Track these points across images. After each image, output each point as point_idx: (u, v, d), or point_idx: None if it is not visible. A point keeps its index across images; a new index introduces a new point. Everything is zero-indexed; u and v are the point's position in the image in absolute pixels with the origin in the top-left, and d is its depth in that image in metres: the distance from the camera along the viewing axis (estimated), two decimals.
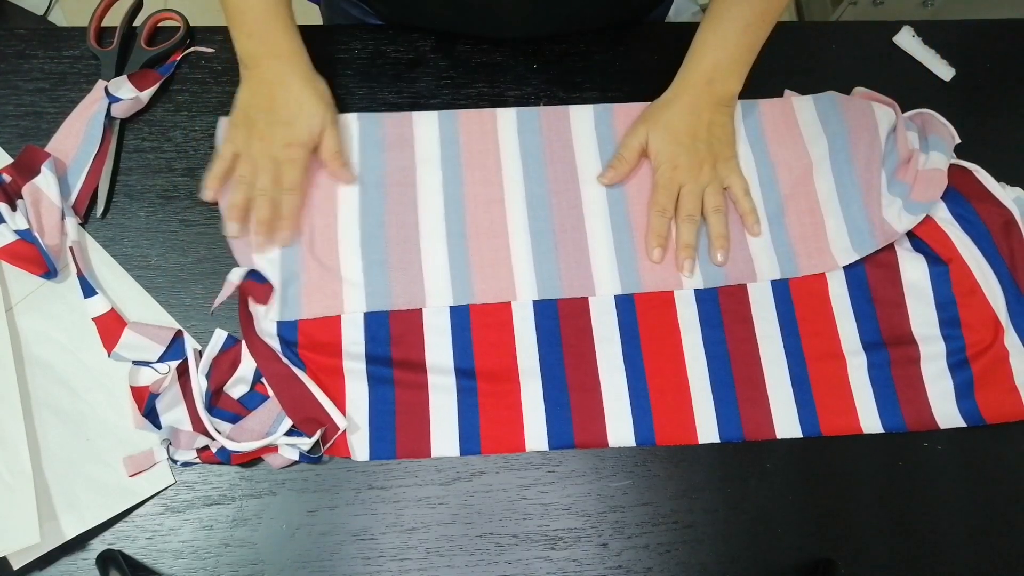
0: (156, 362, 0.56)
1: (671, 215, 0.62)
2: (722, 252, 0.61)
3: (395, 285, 0.59)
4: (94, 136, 0.61)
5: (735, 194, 0.63)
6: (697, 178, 0.62)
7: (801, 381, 0.59)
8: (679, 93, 0.63)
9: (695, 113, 0.62)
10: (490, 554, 0.54)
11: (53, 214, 0.58)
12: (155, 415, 0.54)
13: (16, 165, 0.59)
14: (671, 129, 0.62)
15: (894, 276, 0.63)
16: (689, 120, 0.62)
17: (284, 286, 0.59)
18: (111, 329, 0.56)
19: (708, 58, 0.61)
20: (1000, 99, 0.71)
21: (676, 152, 0.62)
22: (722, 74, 0.61)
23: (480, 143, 0.64)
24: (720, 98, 0.62)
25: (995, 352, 0.60)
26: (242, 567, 0.53)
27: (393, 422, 0.56)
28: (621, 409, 0.57)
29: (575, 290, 0.60)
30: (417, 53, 0.69)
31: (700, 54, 0.62)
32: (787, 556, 0.56)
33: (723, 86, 0.61)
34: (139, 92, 0.63)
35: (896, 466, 0.58)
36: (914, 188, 0.63)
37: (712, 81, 0.61)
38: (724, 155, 0.63)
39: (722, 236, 0.61)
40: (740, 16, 0.59)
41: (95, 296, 0.57)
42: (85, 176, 0.60)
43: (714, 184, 0.62)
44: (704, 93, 0.61)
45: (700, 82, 0.61)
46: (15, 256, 0.56)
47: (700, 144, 0.62)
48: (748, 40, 0.60)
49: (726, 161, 0.63)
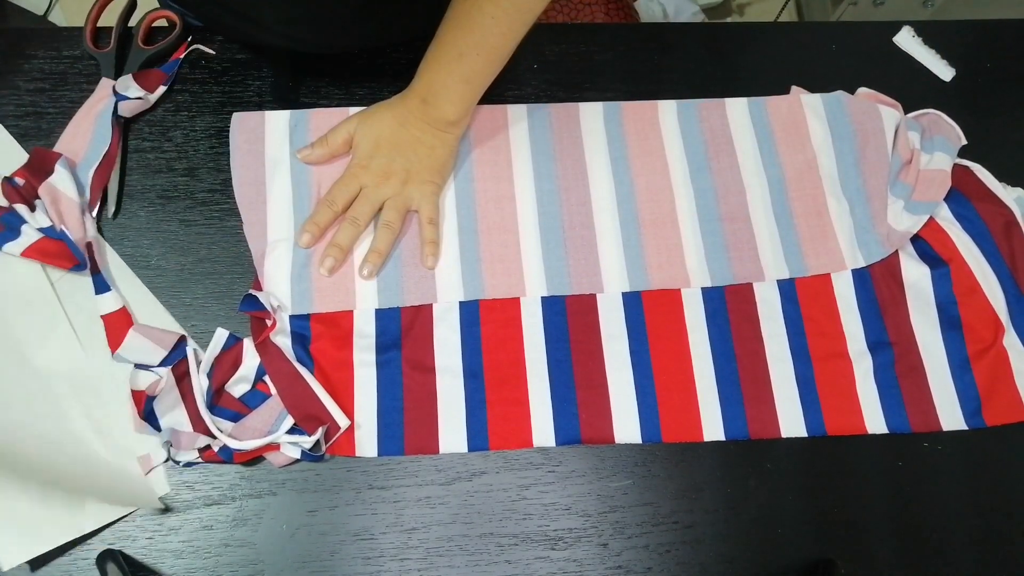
0: (157, 366, 0.56)
1: (338, 210, 0.60)
2: (367, 267, 0.59)
3: (406, 281, 0.60)
4: (103, 135, 0.61)
5: (420, 219, 0.61)
6: (379, 187, 0.60)
7: (807, 380, 0.59)
8: (397, 103, 0.61)
9: (404, 126, 0.60)
10: (490, 554, 0.54)
11: (73, 210, 0.58)
12: (154, 417, 0.54)
13: (28, 167, 0.59)
14: (376, 132, 0.61)
15: (896, 275, 0.63)
16: (395, 130, 0.60)
17: (295, 281, 0.59)
18: (118, 329, 0.56)
19: (424, 78, 0.59)
20: (1000, 99, 0.71)
21: (371, 155, 0.60)
22: (435, 97, 0.58)
23: (490, 139, 0.65)
24: (434, 120, 0.59)
25: (995, 352, 0.60)
26: (242, 567, 0.53)
27: (402, 419, 0.56)
28: (628, 406, 0.58)
29: (583, 287, 0.61)
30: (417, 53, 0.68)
31: (420, 72, 0.60)
32: (787, 556, 0.56)
33: (436, 109, 0.59)
34: (148, 93, 0.63)
35: (896, 466, 0.58)
36: (916, 188, 0.63)
37: (425, 101, 0.59)
38: (421, 177, 0.61)
39: (377, 252, 0.59)
40: (454, 44, 0.57)
41: (108, 293, 0.57)
42: (94, 173, 0.60)
43: (397, 200, 0.60)
44: (417, 110, 0.59)
45: (415, 98, 0.59)
46: (43, 253, 0.56)
47: (398, 157, 0.60)
48: (462, 69, 0.57)
49: (420, 184, 0.61)
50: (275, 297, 0.58)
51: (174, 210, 0.62)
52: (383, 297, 0.59)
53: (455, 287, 0.60)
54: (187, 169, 0.63)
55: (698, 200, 0.64)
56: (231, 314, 0.59)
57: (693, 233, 0.63)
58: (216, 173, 0.63)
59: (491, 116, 0.65)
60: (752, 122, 0.67)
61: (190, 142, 0.64)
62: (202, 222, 0.62)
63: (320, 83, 0.66)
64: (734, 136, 0.66)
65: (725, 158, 0.65)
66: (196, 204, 0.62)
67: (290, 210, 0.61)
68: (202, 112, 0.65)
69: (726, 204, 0.64)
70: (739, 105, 0.67)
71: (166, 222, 0.61)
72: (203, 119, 0.65)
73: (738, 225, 0.63)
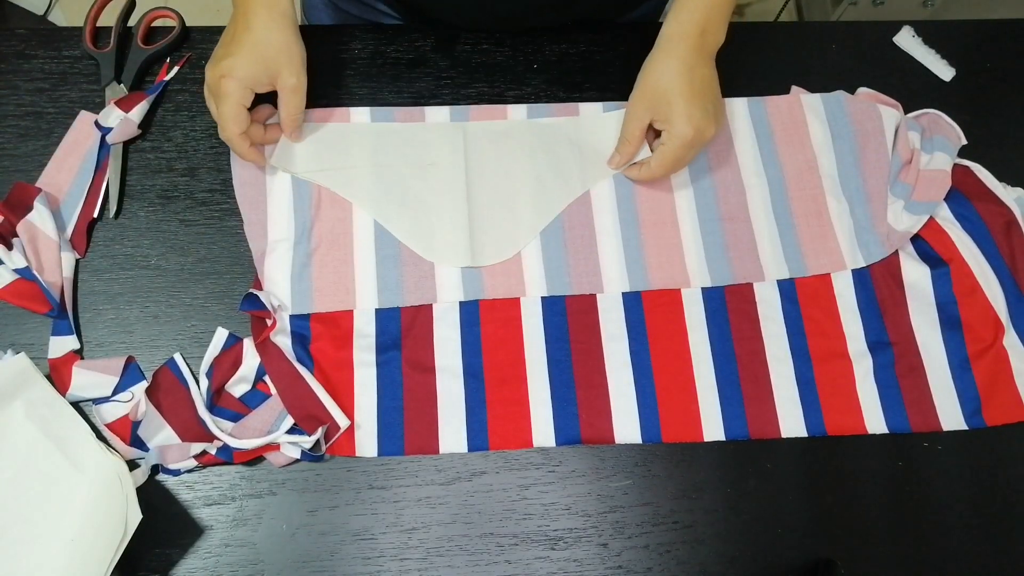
0: (113, 395, 0.55)
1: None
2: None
3: (407, 281, 0.60)
4: (88, 170, 0.61)
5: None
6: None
7: (807, 381, 0.59)
8: (672, 49, 0.58)
9: (692, 70, 0.57)
10: (490, 554, 0.54)
11: (51, 250, 0.57)
12: (141, 442, 0.54)
13: (7, 203, 0.57)
14: (675, 87, 0.57)
15: (896, 275, 0.63)
16: (687, 79, 0.57)
17: (295, 281, 0.59)
18: (65, 372, 0.55)
19: (695, 13, 0.57)
20: (1000, 99, 0.71)
21: (688, 114, 0.57)
22: (714, 25, 0.57)
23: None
24: (710, 51, 0.58)
25: (995, 352, 0.60)
26: (242, 567, 0.53)
27: (402, 419, 0.56)
28: (628, 406, 0.58)
29: (583, 287, 0.61)
30: (417, 53, 0.69)
31: (678, 11, 0.58)
32: (787, 556, 0.56)
33: (714, 37, 0.58)
34: (126, 113, 0.61)
35: (896, 466, 0.58)
36: (916, 188, 0.63)
37: (705, 32, 0.57)
38: (721, 119, 0.60)
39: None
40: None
41: (67, 337, 0.56)
42: (80, 209, 0.60)
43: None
44: (697, 45, 0.57)
45: (694, 32, 0.57)
46: (17, 295, 0.56)
47: (708, 105, 0.58)
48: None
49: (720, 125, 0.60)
50: (275, 296, 0.58)
51: (174, 210, 0.62)
52: (383, 297, 0.59)
53: (455, 287, 0.60)
54: (187, 169, 0.63)
55: (698, 200, 0.64)
56: (231, 314, 0.59)
57: (693, 233, 0.63)
58: (216, 173, 0.63)
59: (491, 116, 0.65)
60: (752, 122, 0.67)
61: (190, 142, 0.64)
62: (202, 222, 0.62)
63: (320, 83, 0.66)
64: (734, 136, 0.66)
65: (725, 158, 0.65)
66: (196, 204, 0.62)
67: (290, 210, 0.61)
68: (202, 112, 0.65)
69: (726, 204, 0.64)
70: (739, 105, 0.67)
71: (166, 222, 0.61)
72: (203, 119, 0.65)
73: (738, 225, 0.63)
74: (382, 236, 0.61)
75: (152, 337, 0.58)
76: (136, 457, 0.54)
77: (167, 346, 0.58)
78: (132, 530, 0.49)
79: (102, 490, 0.51)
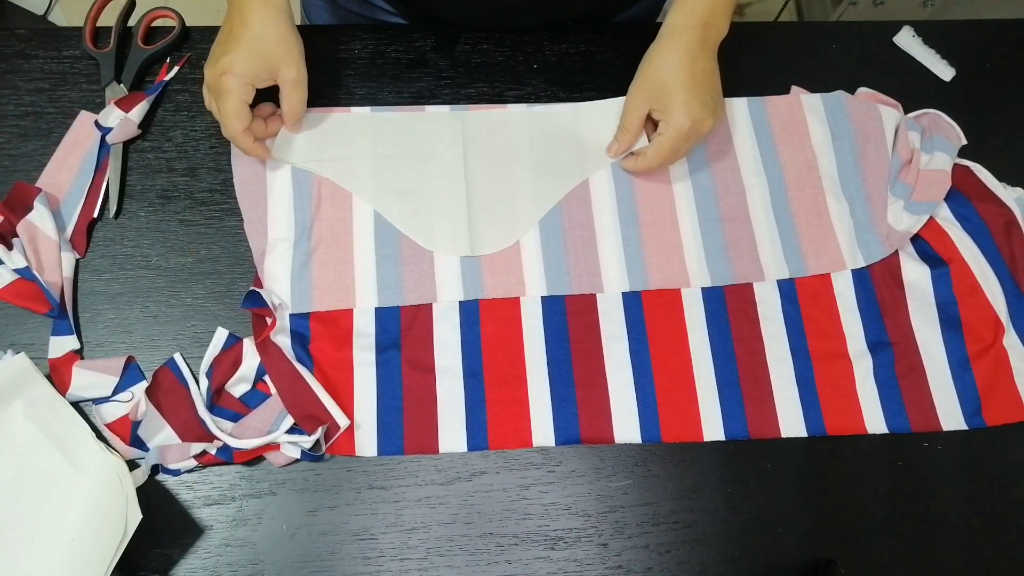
0: (113, 395, 0.55)
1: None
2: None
3: (407, 279, 0.60)
4: (88, 169, 0.61)
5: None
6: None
7: (807, 381, 0.59)
8: (673, 41, 0.58)
9: (693, 62, 0.57)
10: (490, 554, 0.54)
11: (51, 250, 0.57)
12: (141, 442, 0.54)
13: (7, 203, 0.58)
14: (675, 78, 0.57)
15: (896, 275, 0.63)
16: (691, 71, 0.57)
17: (295, 280, 0.59)
18: (65, 372, 0.55)
19: (697, 6, 0.57)
20: (1000, 99, 0.71)
21: (687, 104, 0.57)
22: (717, 17, 0.57)
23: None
24: (713, 44, 0.58)
25: (995, 352, 0.60)
26: (242, 567, 0.53)
27: (401, 418, 0.56)
28: (627, 406, 0.58)
29: (583, 287, 0.61)
30: (417, 53, 0.69)
31: (680, 5, 0.58)
32: (787, 556, 0.56)
33: (717, 30, 0.58)
34: (126, 113, 0.61)
35: (896, 466, 0.58)
36: (916, 188, 0.63)
37: (708, 25, 0.57)
38: (720, 113, 0.60)
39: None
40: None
41: (67, 337, 0.56)
42: (81, 209, 0.60)
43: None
44: (700, 37, 0.57)
45: (697, 27, 0.57)
46: (17, 295, 0.56)
47: (707, 97, 0.58)
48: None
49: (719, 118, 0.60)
50: (276, 295, 0.58)
51: (174, 210, 0.62)
52: (383, 296, 0.59)
53: (455, 286, 0.60)
54: (187, 169, 0.63)
55: (698, 200, 0.64)
56: (231, 314, 0.59)
57: (693, 233, 0.63)
58: (216, 173, 0.63)
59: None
60: (752, 122, 0.67)
61: (190, 142, 0.64)
62: (202, 222, 0.62)
63: (320, 83, 0.66)
64: (734, 136, 0.66)
65: (725, 158, 0.65)
66: (196, 204, 0.62)
67: (291, 209, 0.61)
68: (202, 112, 0.65)
69: (726, 204, 0.64)
70: (739, 105, 0.67)
71: (166, 222, 0.61)
72: (203, 119, 0.65)
73: (738, 225, 0.63)
74: (382, 235, 0.61)
75: (152, 337, 0.58)
76: (136, 457, 0.54)
77: (167, 346, 0.58)
78: (132, 530, 0.49)
79: (102, 490, 0.51)
